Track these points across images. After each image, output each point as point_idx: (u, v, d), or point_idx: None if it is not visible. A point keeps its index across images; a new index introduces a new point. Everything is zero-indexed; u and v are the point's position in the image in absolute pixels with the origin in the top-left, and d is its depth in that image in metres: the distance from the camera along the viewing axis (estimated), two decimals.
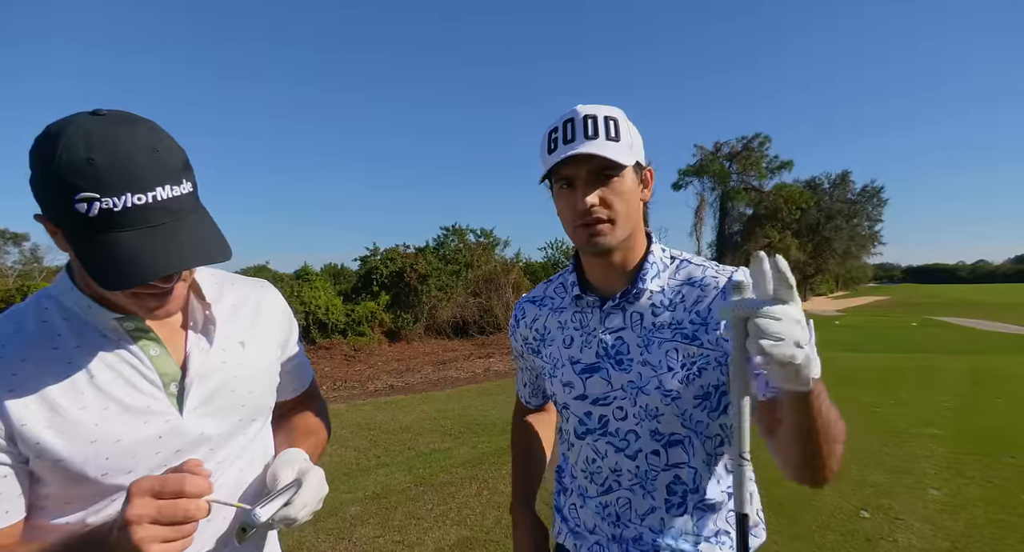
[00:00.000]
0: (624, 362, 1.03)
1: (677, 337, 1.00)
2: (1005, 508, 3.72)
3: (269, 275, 18.35)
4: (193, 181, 0.81)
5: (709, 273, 1.04)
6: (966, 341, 15.84)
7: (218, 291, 1.01)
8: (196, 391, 0.90)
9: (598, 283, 1.10)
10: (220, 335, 0.96)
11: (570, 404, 1.10)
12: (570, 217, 1.00)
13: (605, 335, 1.06)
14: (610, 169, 0.97)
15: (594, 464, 1.08)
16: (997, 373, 9.30)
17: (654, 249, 1.09)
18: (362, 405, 8.27)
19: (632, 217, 1.01)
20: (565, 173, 0.98)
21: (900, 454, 4.95)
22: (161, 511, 0.70)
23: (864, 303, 41.64)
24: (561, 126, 0.99)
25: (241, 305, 1.03)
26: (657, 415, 1.00)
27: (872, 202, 37.75)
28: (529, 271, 19.53)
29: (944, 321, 23.92)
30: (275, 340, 1.07)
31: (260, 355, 1.02)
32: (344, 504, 4.04)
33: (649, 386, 1.00)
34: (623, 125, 0.99)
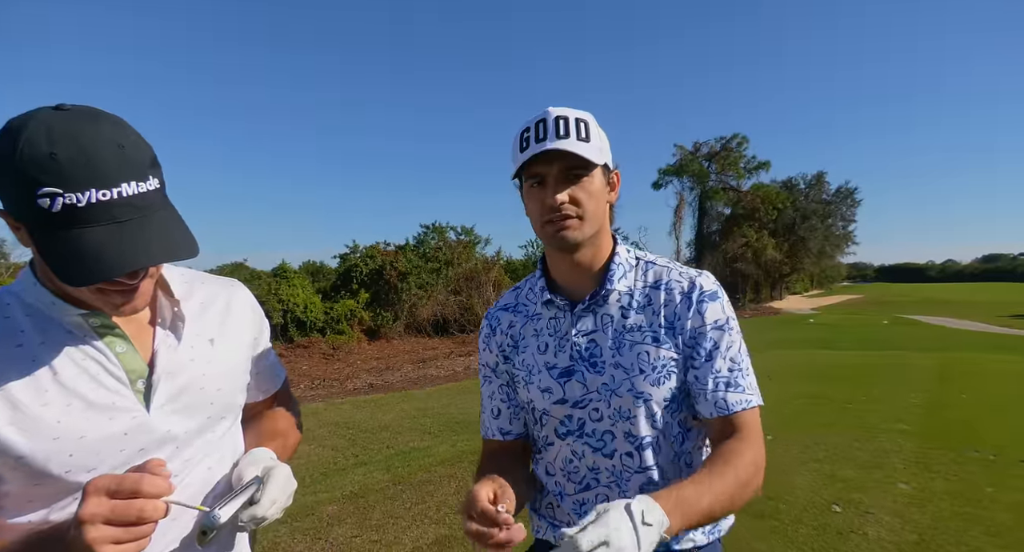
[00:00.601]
0: (598, 364, 1.05)
1: (647, 339, 1.03)
2: (970, 501, 3.83)
3: (247, 272, 18.07)
4: (160, 178, 0.80)
5: (674, 276, 1.07)
6: (935, 339, 16.27)
7: (187, 289, 1.00)
8: (163, 388, 0.89)
9: (566, 283, 1.12)
10: (189, 332, 0.95)
11: (549, 409, 1.10)
12: (539, 213, 1.02)
13: (578, 338, 1.07)
14: (580, 168, 0.99)
15: (571, 464, 1.10)
16: (963, 370, 9.56)
17: (619, 250, 1.11)
18: (340, 404, 8.21)
19: (599, 216, 1.03)
20: (536, 171, 1.00)
21: (871, 449, 5.07)
22: (115, 511, 0.69)
23: (838, 302, 42.48)
24: (533, 126, 1.01)
25: (211, 303, 1.02)
26: (630, 417, 1.02)
27: (846, 203, 38.51)
28: (510, 269, 19.55)
29: (914, 319, 24.53)
30: (245, 339, 1.06)
31: (230, 353, 1.01)
32: (321, 503, 4.01)
33: (622, 388, 1.02)
34: (593, 127, 1.02)
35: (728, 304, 1.07)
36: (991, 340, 15.50)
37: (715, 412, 1.01)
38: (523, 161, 0.99)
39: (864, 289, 71.84)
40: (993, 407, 6.77)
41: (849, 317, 26.37)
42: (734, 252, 34.78)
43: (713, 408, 1.01)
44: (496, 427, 1.21)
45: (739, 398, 1.01)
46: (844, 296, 50.81)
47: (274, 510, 0.89)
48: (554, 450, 1.13)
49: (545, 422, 1.12)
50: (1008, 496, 3.91)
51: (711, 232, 37.55)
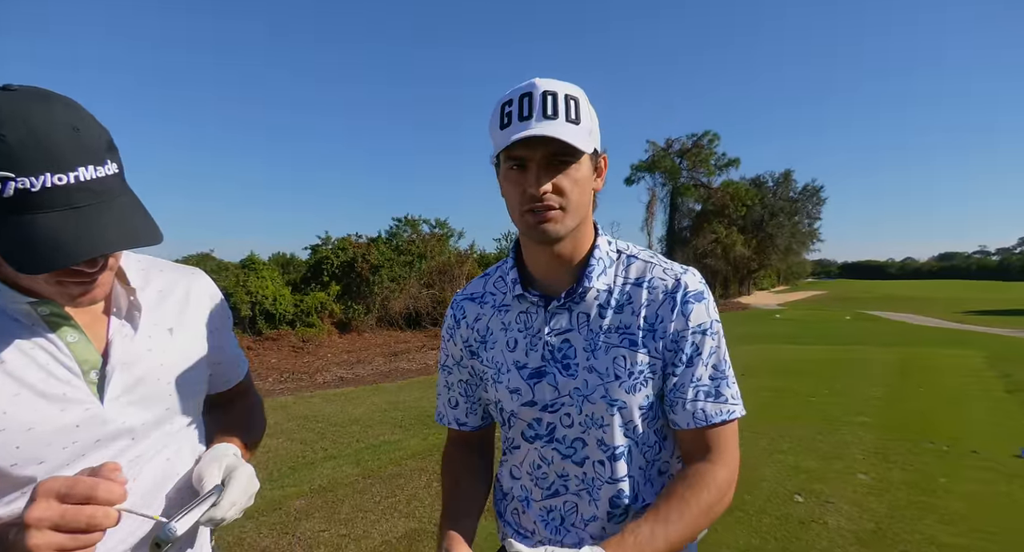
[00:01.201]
0: (570, 367, 0.97)
1: (624, 343, 0.95)
2: (925, 490, 3.97)
3: (213, 263, 17.65)
4: (119, 162, 0.77)
5: (657, 273, 0.98)
6: (895, 334, 16.82)
7: (144, 277, 0.96)
8: (118, 379, 0.85)
9: (541, 277, 1.03)
10: (146, 322, 0.92)
11: (518, 411, 1.03)
12: (518, 201, 0.92)
13: (551, 337, 0.99)
14: (567, 154, 0.89)
15: (539, 470, 1.04)
16: (921, 364, 9.91)
17: (600, 242, 1.02)
18: (310, 397, 8.10)
19: (584, 206, 0.94)
20: (517, 154, 0.90)
21: (832, 441, 5.21)
22: (64, 517, 0.65)
23: (803, 297, 43.56)
24: (517, 100, 0.89)
25: (170, 292, 0.99)
26: (603, 425, 0.96)
27: (812, 200, 39.47)
28: (483, 262, 19.50)
29: (876, 315, 25.30)
30: (206, 329, 1.02)
31: (189, 343, 0.98)
32: (288, 498, 3.95)
33: (595, 394, 0.95)
34: (584, 107, 0.91)
35: (714, 306, 0.99)
36: (947, 336, 16.09)
37: (692, 423, 0.95)
38: (505, 145, 0.88)
39: (828, 285, 73.83)
40: (947, 400, 7.04)
41: (814, 313, 27.06)
42: (704, 248, 35.35)
43: (691, 419, 0.95)
44: (452, 417, 1.16)
45: (719, 409, 0.95)
46: (809, 292, 52.15)
47: (233, 512, 0.86)
48: (521, 453, 1.07)
49: (513, 424, 1.05)
50: (960, 486, 4.07)
51: (682, 228, 38.09)
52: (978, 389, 7.73)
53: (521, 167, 0.91)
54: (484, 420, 1.17)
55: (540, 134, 0.85)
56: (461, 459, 1.16)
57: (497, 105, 0.93)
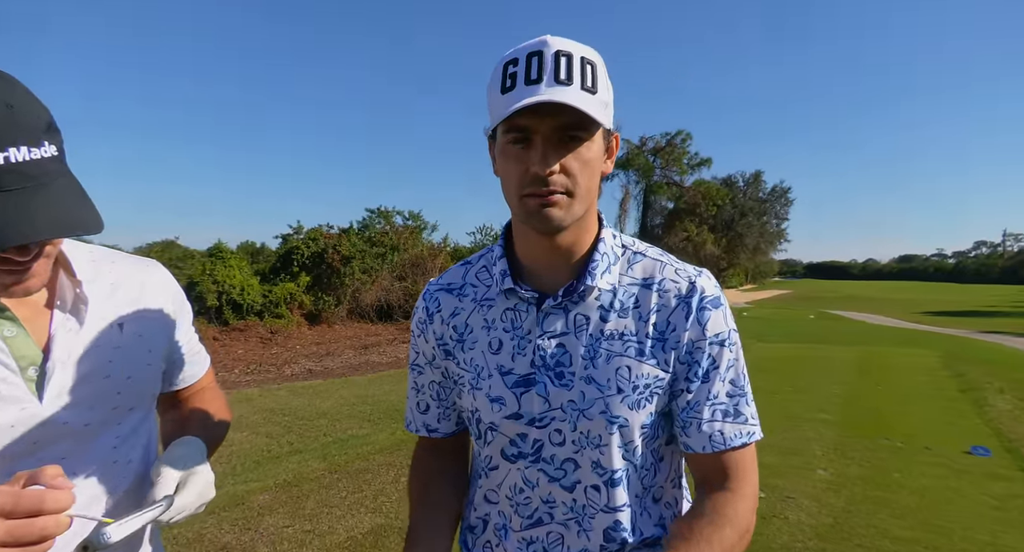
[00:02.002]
0: (565, 376, 0.84)
1: (629, 351, 0.83)
2: (880, 486, 4.11)
3: (179, 251, 17.17)
4: (59, 145, 0.72)
5: (668, 274, 0.86)
6: (856, 333, 17.32)
7: (94, 269, 0.91)
8: (60, 376, 0.81)
9: (537, 271, 0.89)
10: (94, 316, 0.87)
11: (499, 424, 0.89)
12: (517, 182, 0.78)
13: (543, 340, 0.86)
14: (581, 129, 0.75)
15: (522, 494, 0.90)
16: (880, 363, 10.24)
17: (604, 235, 0.89)
18: (277, 390, 7.96)
19: (592, 192, 0.81)
20: (521, 123, 0.75)
21: (794, 437, 5.35)
22: (13, 533, 0.61)
23: (769, 296, 44.55)
24: (524, 60, 0.75)
25: (122, 285, 0.94)
26: (600, 444, 0.84)
27: (780, 201, 40.31)
28: (457, 256, 19.41)
29: (838, 314, 26.02)
30: (160, 324, 0.98)
31: (142, 338, 0.93)
32: (251, 493, 3.88)
33: (593, 409, 0.83)
34: (601, 74, 0.77)
35: (731, 314, 0.87)
36: (905, 335, 16.64)
37: (709, 447, 0.84)
38: (509, 112, 0.72)
39: (794, 285, 75.66)
40: (903, 398, 7.30)
41: (779, 311, 27.69)
42: (675, 246, 35.78)
43: (708, 442, 0.84)
44: (422, 422, 1.03)
45: (739, 430, 0.84)
46: (775, 291, 53.35)
47: (180, 518, 0.82)
48: (499, 475, 0.93)
49: (490, 439, 0.91)
50: (913, 481, 4.23)
51: (654, 225, 38.50)
52: (932, 388, 8.02)
53: (524, 141, 0.77)
54: (459, 425, 1.04)
55: (552, 101, 0.71)
56: (431, 462, 1.05)
57: (499, 64, 0.78)
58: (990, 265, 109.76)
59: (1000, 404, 6.96)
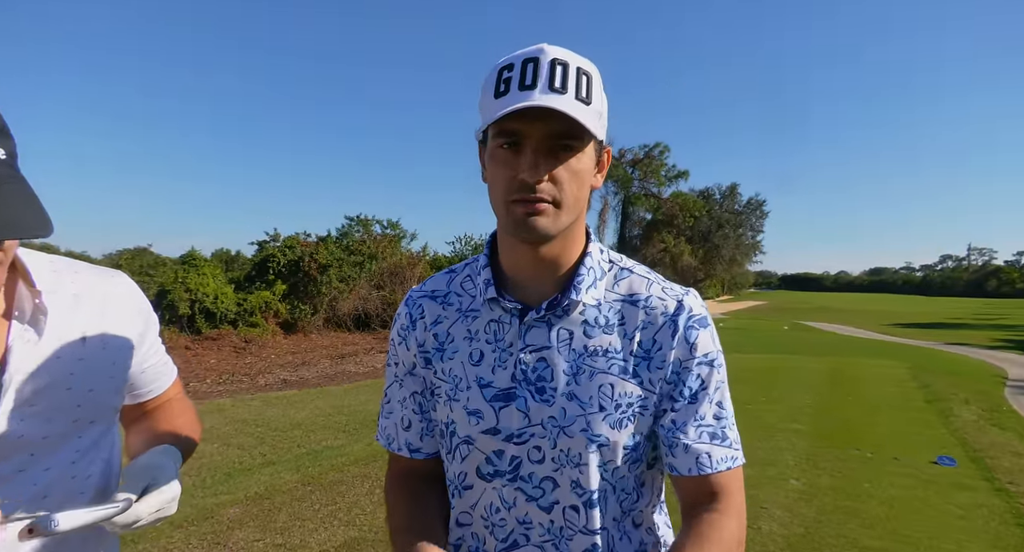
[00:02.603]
0: (546, 391, 0.82)
1: (613, 369, 0.82)
2: (850, 495, 4.18)
3: (151, 258, 16.84)
4: (9, 149, 0.71)
5: (655, 292, 0.85)
6: (828, 344, 17.67)
7: (55, 279, 0.89)
8: (16, 388, 0.79)
9: (521, 283, 0.87)
10: (55, 327, 0.85)
11: (476, 439, 0.86)
12: (504, 188, 0.76)
13: (525, 354, 0.84)
14: (573, 138, 0.75)
15: (497, 514, 0.87)
16: (850, 374, 10.45)
17: (592, 250, 0.87)
18: (250, 400, 7.82)
19: (581, 203, 0.80)
20: (513, 128, 0.74)
21: (767, 448, 5.43)
22: None
23: (745, 307, 45.25)
24: (519, 65, 0.75)
25: (85, 295, 0.92)
26: (580, 463, 0.81)
27: (756, 213, 41.11)
28: (436, 265, 19.36)
29: (811, 326, 26.53)
30: (125, 335, 0.96)
31: (106, 351, 0.91)
32: (222, 506, 3.79)
33: (574, 427, 0.81)
34: (596, 86, 0.77)
35: (717, 335, 0.86)
36: (874, 347, 17.03)
37: (695, 469, 0.81)
38: (500, 114, 0.72)
39: (769, 296, 76.99)
40: (872, 409, 7.46)
41: (754, 322, 28.12)
42: (653, 257, 36.19)
43: (694, 464, 0.81)
44: (404, 440, 0.95)
45: (725, 454, 0.82)
46: (751, 302, 54.22)
47: (135, 526, 0.80)
48: (474, 494, 0.89)
49: (465, 454, 0.87)
50: (882, 491, 4.31)
51: (632, 236, 38.93)
52: (900, 399, 8.22)
53: (515, 146, 0.75)
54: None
55: (545, 106, 0.70)
56: (413, 485, 0.96)
57: (494, 69, 0.77)
58: (955, 278, 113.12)
59: (965, 414, 7.15)
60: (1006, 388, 9.71)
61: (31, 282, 0.84)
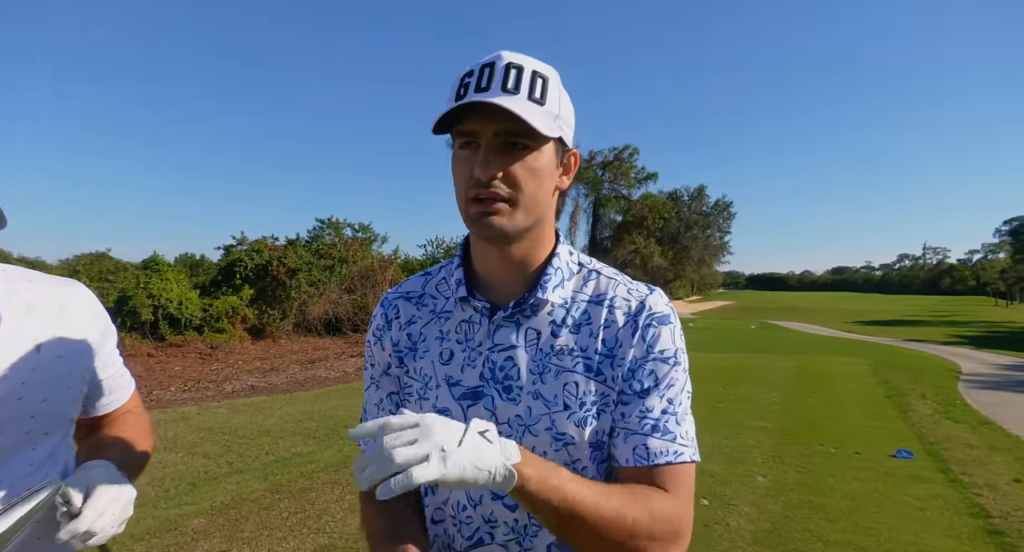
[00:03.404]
0: (512, 390, 0.84)
1: (579, 367, 0.83)
2: (815, 491, 4.29)
3: (110, 263, 16.27)
4: None
5: (620, 292, 0.87)
6: (794, 342, 18.10)
7: (8, 288, 0.87)
8: None
9: (490, 282, 0.90)
10: (8, 335, 0.83)
11: None
12: (464, 185, 0.79)
13: (493, 353, 0.86)
14: (526, 136, 0.77)
15: (464, 512, 0.88)
16: (815, 372, 10.73)
17: (560, 251, 0.89)
18: (216, 407, 7.63)
19: (540, 204, 0.82)
20: (468, 128, 0.78)
21: (736, 445, 5.53)
22: None
23: (714, 307, 46.10)
24: (478, 71, 0.78)
25: (39, 305, 0.90)
26: None
27: (723, 215, 41.88)
28: (407, 268, 19.22)
29: (777, 325, 27.15)
30: (81, 345, 0.94)
31: (61, 360, 0.89)
32: (186, 517, 3.69)
33: (539, 425, 0.82)
34: (553, 88, 0.79)
35: (680, 333, 0.87)
36: (837, 344, 17.51)
37: (633, 459, 0.80)
38: (447, 111, 0.76)
39: (737, 296, 78.53)
40: (835, 405, 7.67)
41: (723, 322, 28.66)
42: (624, 258, 36.58)
43: (631, 454, 0.80)
44: None
45: (665, 447, 0.80)
46: (720, 302, 55.24)
47: (103, 523, 0.78)
48: (444, 493, 0.91)
49: None
50: (845, 485, 4.44)
51: (603, 238, 39.26)
52: (861, 394, 8.47)
53: (471, 145, 0.79)
54: None
55: (490, 102, 0.73)
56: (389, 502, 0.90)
57: (457, 76, 0.81)
58: (912, 277, 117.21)
59: (922, 409, 7.41)
60: (960, 382, 10.10)
61: None
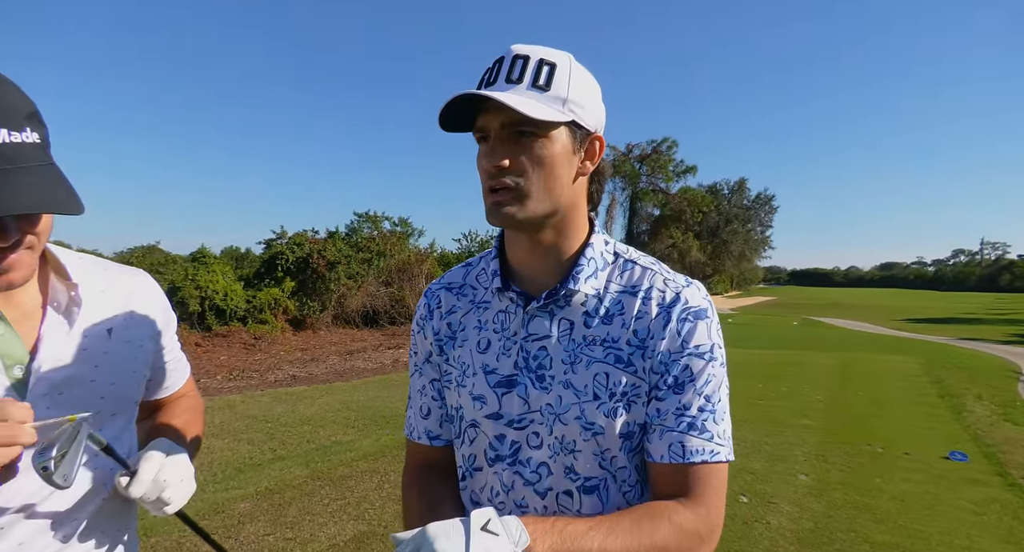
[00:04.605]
0: (545, 379, 0.85)
1: (609, 358, 0.83)
2: (860, 491, 4.15)
3: (161, 256, 16.97)
4: (43, 135, 0.73)
5: (656, 283, 0.86)
6: (837, 339, 17.53)
7: (86, 274, 0.91)
8: (44, 377, 0.81)
9: (524, 272, 0.90)
10: (84, 320, 0.87)
11: (480, 422, 0.89)
12: (483, 179, 0.82)
13: (527, 342, 0.87)
14: (528, 125, 0.77)
15: (497, 498, 0.89)
16: (860, 369, 10.37)
17: (595, 241, 0.89)
18: (260, 396, 7.87)
19: (555, 192, 0.81)
20: (479, 124, 0.80)
21: (777, 443, 5.40)
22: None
23: (754, 303, 44.98)
24: (491, 66, 0.81)
25: (111, 291, 0.94)
26: (574, 450, 0.83)
27: (764, 209, 40.81)
28: (443, 262, 19.40)
29: (821, 321, 26.34)
30: (147, 331, 0.98)
31: (130, 345, 0.93)
32: (232, 501, 3.82)
33: (568, 414, 0.83)
34: (561, 72, 0.79)
35: (717, 328, 0.86)
36: (885, 342, 16.87)
37: (668, 457, 0.80)
38: (444, 108, 0.78)
39: (778, 291, 76.49)
40: (883, 404, 7.39)
41: (764, 317, 27.96)
42: (661, 252, 36.07)
43: (667, 451, 0.80)
44: (424, 428, 0.98)
45: (701, 446, 0.80)
46: (760, 298, 53.91)
47: (155, 491, 0.84)
48: (482, 477, 0.91)
49: (473, 438, 0.91)
50: (893, 486, 4.28)
51: (640, 232, 38.78)
52: (912, 394, 8.14)
53: (485, 140, 0.81)
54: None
55: (481, 94, 0.75)
56: (431, 480, 0.97)
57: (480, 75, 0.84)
58: (968, 273, 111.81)
59: (978, 410, 7.08)
60: (1019, 383, 9.59)
61: (67, 275, 0.86)
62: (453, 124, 0.82)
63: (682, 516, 0.77)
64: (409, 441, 1.01)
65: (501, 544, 0.63)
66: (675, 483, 0.81)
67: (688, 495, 0.79)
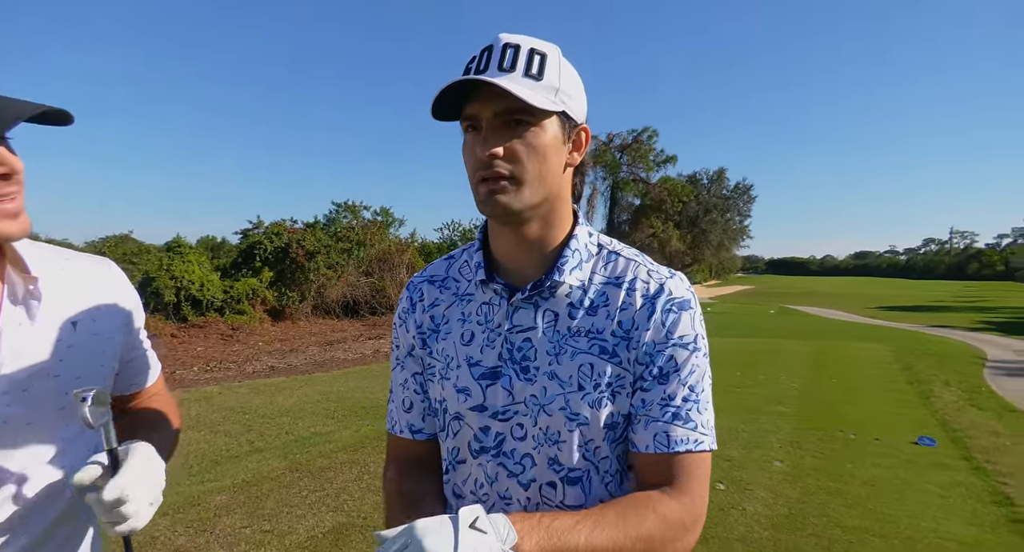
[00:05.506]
0: (529, 370, 0.85)
1: (594, 349, 0.83)
2: (832, 476, 4.26)
3: (134, 245, 16.58)
4: None
5: (640, 274, 0.86)
6: (813, 328, 17.87)
7: (46, 265, 0.88)
8: (5, 372, 0.78)
9: (508, 264, 0.90)
10: (46, 312, 0.85)
11: (464, 415, 0.89)
12: (471, 168, 0.81)
13: (512, 334, 0.87)
14: (524, 113, 0.77)
15: (481, 490, 0.89)
16: (834, 357, 10.60)
17: (579, 232, 0.89)
18: (237, 387, 7.77)
19: (547, 180, 0.81)
20: (469, 112, 0.79)
21: (753, 430, 5.50)
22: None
23: (733, 291, 45.66)
24: (478, 54, 0.80)
25: (76, 282, 0.91)
26: (558, 441, 0.83)
27: (743, 198, 41.21)
28: (424, 252, 19.29)
29: (797, 309, 26.82)
30: (115, 323, 0.95)
31: (96, 338, 0.91)
32: (208, 493, 3.78)
33: (553, 405, 0.83)
34: (551, 64, 0.79)
35: (700, 319, 0.86)
36: (858, 330, 17.24)
37: (653, 446, 0.81)
38: (440, 93, 0.77)
39: (756, 280, 77.62)
40: (856, 391, 7.57)
41: (742, 306, 28.39)
42: (642, 242, 36.28)
43: (652, 441, 0.81)
44: (406, 422, 0.98)
45: (686, 435, 0.80)
46: (738, 287, 54.69)
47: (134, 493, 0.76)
48: (465, 470, 0.91)
49: (457, 431, 0.91)
50: (864, 471, 4.39)
51: (621, 221, 38.94)
52: (883, 380, 8.34)
53: (474, 128, 0.80)
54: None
55: (480, 79, 0.74)
56: (412, 474, 0.96)
57: (463, 64, 0.83)
58: (937, 261, 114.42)
59: (945, 395, 7.28)
60: (985, 369, 9.88)
61: (25, 268, 0.83)
62: (444, 113, 0.81)
63: (667, 506, 0.77)
64: (391, 435, 1.00)
65: (489, 542, 0.63)
66: (660, 472, 0.81)
67: (672, 484, 0.80)
